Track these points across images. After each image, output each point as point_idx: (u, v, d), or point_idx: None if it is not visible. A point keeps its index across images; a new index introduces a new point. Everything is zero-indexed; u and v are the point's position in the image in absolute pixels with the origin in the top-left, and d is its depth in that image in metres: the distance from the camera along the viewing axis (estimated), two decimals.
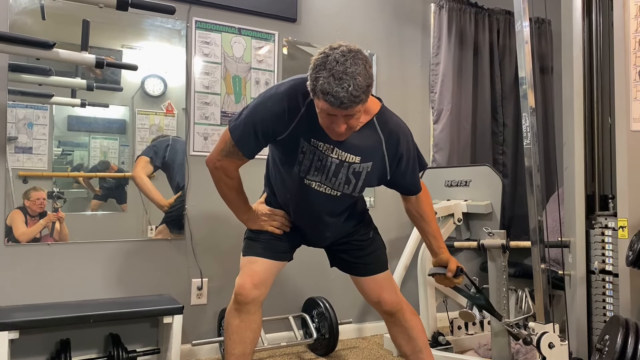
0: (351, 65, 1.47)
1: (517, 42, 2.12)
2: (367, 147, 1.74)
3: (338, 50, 1.49)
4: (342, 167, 1.74)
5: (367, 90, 1.51)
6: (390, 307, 1.99)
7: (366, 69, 1.50)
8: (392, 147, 1.77)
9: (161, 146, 2.80)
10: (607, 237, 2.41)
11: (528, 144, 2.09)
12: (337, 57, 1.47)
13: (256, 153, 1.78)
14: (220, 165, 1.81)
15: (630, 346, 1.92)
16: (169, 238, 2.80)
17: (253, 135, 1.71)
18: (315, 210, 1.84)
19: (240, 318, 1.86)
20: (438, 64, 3.55)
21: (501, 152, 3.82)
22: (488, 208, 2.93)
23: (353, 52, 1.50)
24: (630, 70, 2.35)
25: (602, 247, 2.42)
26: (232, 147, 1.75)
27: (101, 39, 2.64)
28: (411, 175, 1.87)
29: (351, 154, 1.73)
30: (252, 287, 1.83)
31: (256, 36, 3.03)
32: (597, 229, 2.45)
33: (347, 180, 1.76)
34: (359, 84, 1.47)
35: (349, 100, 1.47)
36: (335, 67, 1.46)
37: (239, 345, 1.88)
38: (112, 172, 2.73)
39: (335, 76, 1.46)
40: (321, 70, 1.48)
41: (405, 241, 3.01)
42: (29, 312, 2.31)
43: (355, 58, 1.49)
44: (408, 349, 2.04)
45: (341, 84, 1.45)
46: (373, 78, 1.54)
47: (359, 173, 1.76)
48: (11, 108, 2.47)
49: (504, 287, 2.39)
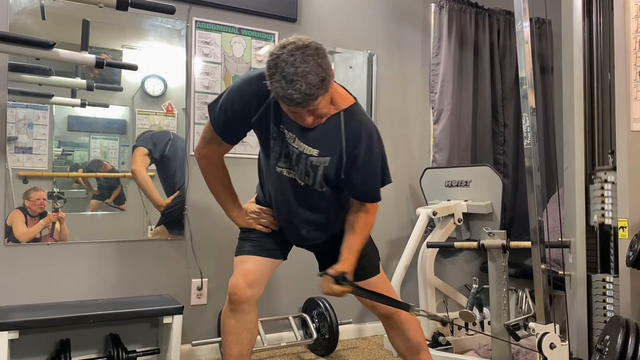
0: (300, 63, 1.48)
1: (518, 42, 2.12)
2: (327, 142, 1.72)
3: (286, 49, 1.50)
4: (301, 158, 1.74)
5: (321, 84, 1.51)
6: (385, 310, 1.99)
7: (317, 63, 1.50)
8: (351, 145, 1.72)
9: (162, 139, 2.78)
10: (606, 191, 2.40)
11: (528, 144, 2.09)
12: (286, 58, 1.48)
13: (235, 138, 1.83)
14: (204, 154, 1.87)
15: (630, 346, 1.92)
16: (169, 238, 2.80)
17: (224, 118, 1.75)
18: (288, 199, 1.84)
19: (236, 318, 1.86)
20: (438, 64, 3.55)
21: (502, 152, 3.81)
22: (488, 208, 2.93)
23: (301, 48, 1.50)
24: (631, 70, 2.35)
25: (602, 202, 2.41)
26: (211, 132, 1.80)
27: (101, 39, 2.64)
28: (365, 181, 1.78)
29: (310, 147, 1.72)
30: (245, 287, 1.83)
31: (256, 36, 3.03)
32: (596, 184, 2.45)
33: (306, 172, 1.76)
34: (310, 82, 1.48)
35: (304, 100, 1.50)
36: (286, 70, 1.48)
37: (236, 346, 1.87)
38: (105, 171, 2.70)
39: (286, 79, 1.48)
40: (273, 74, 1.50)
41: (405, 241, 3.01)
42: (29, 312, 2.31)
43: (304, 55, 1.49)
44: (405, 350, 2.04)
45: (293, 86, 1.48)
46: (328, 69, 1.53)
47: (316, 167, 1.74)
48: (11, 108, 2.47)
49: (504, 288, 2.39)
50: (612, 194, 2.38)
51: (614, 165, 2.38)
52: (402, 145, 3.51)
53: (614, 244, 2.41)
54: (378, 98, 3.42)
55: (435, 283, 2.95)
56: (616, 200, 2.35)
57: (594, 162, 2.57)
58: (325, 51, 1.56)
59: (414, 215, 3.20)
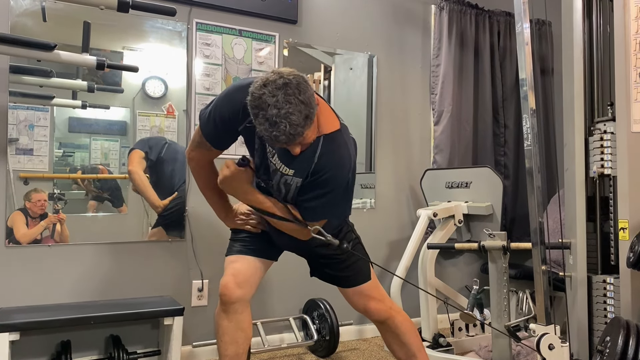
0: (283, 104, 1.48)
1: (518, 43, 2.12)
2: (301, 164, 1.70)
3: (267, 89, 1.49)
4: (276, 175, 1.75)
5: (305, 122, 1.51)
6: (378, 316, 1.99)
7: (299, 101, 1.49)
8: (318, 170, 1.68)
9: (157, 143, 2.79)
10: (605, 141, 2.40)
11: (529, 145, 2.09)
12: (268, 100, 1.48)
13: (223, 144, 1.83)
14: (193, 156, 1.89)
15: (631, 348, 1.92)
16: (169, 240, 2.80)
17: (213, 125, 1.76)
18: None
19: (229, 318, 1.85)
20: (438, 66, 3.55)
21: (503, 153, 3.81)
22: (489, 209, 2.93)
23: (282, 88, 1.49)
24: (631, 72, 2.35)
25: (601, 152, 2.42)
26: (200, 137, 1.82)
27: (102, 41, 2.64)
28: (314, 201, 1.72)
29: (285, 166, 1.72)
30: (235, 286, 1.84)
31: (257, 38, 3.04)
32: (595, 135, 2.45)
33: (278, 188, 1.77)
34: (294, 122, 1.49)
35: (289, 140, 1.52)
36: (269, 112, 1.48)
37: (231, 346, 1.87)
38: (110, 175, 2.71)
39: (270, 121, 1.49)
40: (257, 115, 1.51)
41: (405, 243, 3.01)
42: (30, 313, 2.31)
43: (286, 95, 1.48)
44: (402, 355, 2.04)
45: (277, 128, 1.49)
46: (311, 104, 1.52)
47: (289, 185, 1.74)
48: (12, 110, 2.47)
49: (505, 289, 2.39)
50: (611, 144, 2.39)
51: (613, 116, 2.40)
52: (402, 146, 3.51)
53: (615, 245, 2.41)
54: (378, 99, 3.43)
55: (436, 284, 2.95)
56: (615, 150, 2.37)
57: None
58: (307, 82, 1.54)
59: (415, 217, 3.20)
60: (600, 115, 2.56)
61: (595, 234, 2.54)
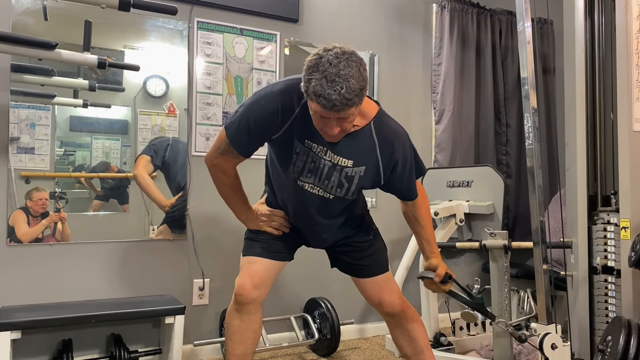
0: (344, 67, 1.45)
1: (519, 42, 2.12)
2: (361, 152, 1.72)
3: (332, 52, 1.47)
4: (334, 170, 1.73)
5: (360, 93, 1.49)
6: (392, 309, 1.99)
7: (360, 72, 1.48)
8: (387, 153, 1.74)
9: (161, 146, 2.80)
10: (609, 232, 2.40)
11: (530, 144, 2.09)
12: (331, 59, 1.45)
13: (252, 152, 1.78)
14: (216, 163, 1.82)
15: (632, 347, 1.91)
16: (171, 238, 2.81)
17: (247, 134, 1.70)
18: (310, 211, 1.83)
19: (241, 318, 1.86)
20: (440, 64, 3.55)
21: (505, 152, 3.81)
22: (490, 209, 2.92)
23: (347, 54, 1.48)
24: (633, 71, 2.34)
25: (605, 243, 2.41)
26: (227, 145, 1.75)
27: (103, 40, 2.64)
28: (407, 181, 1.84)
29: (344, 158, 1.71)
30: (251, 288, 1.83)
31: (258, 37, 3.04)
32: (599, 225, 2.44)
33: (339, 184, 1.75)
34: (351, 86, 1.45)
35: (341, 103, 1.46)
36: (328, 69, 1.44)
37: (240, 346, 1.88)
38: (112, 173, 2.73)
39: (327, 78, 1.44)
40: (314, 72, 1.46)
41: (407, 242, 3.01)
42: (31, 312, 2.31)
43: (349, 60, 1.47)
44: (409, 350, 2.03)
45: (334, 87, 1.44)
46: (367, 81, 1.52)
47: (351, 177, 1.74)
48: (13, 108, 2.47)
49: (506, 288, 2.39)
50: (614, 236, 2.38)
51: (617, 207, 2.39)
52: None
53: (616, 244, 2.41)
54: (380, 98, 3.42)
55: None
56: (619, 242, 2.35)
57: (596, 161, 2.56)
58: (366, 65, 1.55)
59: None
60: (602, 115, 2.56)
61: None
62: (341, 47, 1.50)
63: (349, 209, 1.90)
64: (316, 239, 1.95)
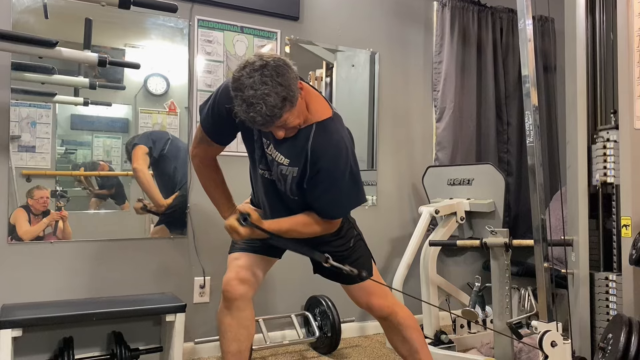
0: (260, 85, 1.49)
1: (520, 40, 2.11)
2: (296, 152, 1.71)
3: (245, 71, 1.51)
4: (273, 165, 1.76)
5: (283, 103, 1.51)
6: (381, 312, 1.99)
7: (277, 83, 1.50)
8: (314, 158, 1.69)
9: (160, 138, 2.78)
10: (609, 149, 2.39)
11: (531, 142, 2.08)
12: (245, 81, 1.50)
13: (223, 139, 1.85)
14: (195, 153, 1.90)
15: (633, 345, 1.91)
16: (171, 237, 2.81)
17: (212, 119, 1.78)
18: (273, 202, 1.86)
19: (232, 315, 1.86)
20: (441, 62, 3.54)
21: (506, 150, 3.81)
22: (491, 206, 2.92)
23: (259, 69, 1.50)
24: (634, 68, 2.34)
25: (604, 161, 2.40)
26: (201, 132, 1.84)
27: (104, 38, 2.64)
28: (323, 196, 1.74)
29: (282, 155, 1.73)
30: (238, 283, 1.84)
31: (258, 35, 3.03)
32: (598, 144, 2.43)
33: (278, 178, 1.78)
34: (270, 103, 1.49)
35: (266, 121, 1.53)
36: (246, 92, 1.50)
37: (233, 343, 1.88)
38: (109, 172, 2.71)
39: (247, 102, 1.50)
40: (236, 97, 1.53)
41: (407, 240, 3.01)
42: (32, 310, 2.31)
43: (263, 76, 1.49)
44: (404, 351, 2.04)
45: (254, 109, 1.50)
46: (290, 85, 1.52)
47: (285, 175, 1.75)
48: (14, 107, 2.48)
49: (507, 286, 2.39)
50: (614, 152, 2.37)
51: (617, 124, 2.38)
52: (404, 143, 3.51)
53: (617, 242, 2.40)
54: (380, 96, 3.42)
55: (438, 281, 2.94)
56: (618, 159, 2.34)
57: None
58: (289, 66, 1.55)
59: (417, 214, 3.20)
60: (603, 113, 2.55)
61: (598, 231, 2.53)
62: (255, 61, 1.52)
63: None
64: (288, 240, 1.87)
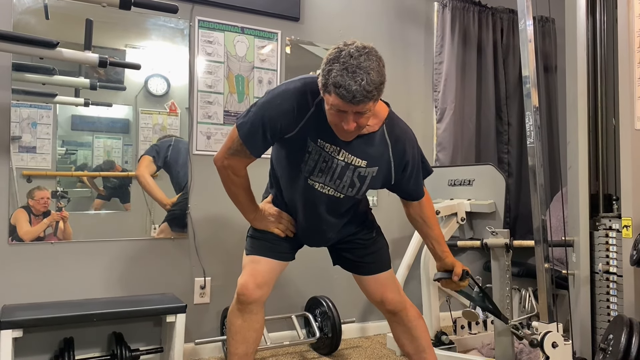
0: (365, 60, 1.46)
1: (521, 40, 2.11)
2: (374, 152, 1.73)
3: (352, 45, 1.49)
4: (347, 170, 1.73)
5: (379, 87, 1.50)
6: (394, 307, 1.99)
7: (379, 67, 1.50)
8: (399, 154, 1.77)
9: (163, 146, 2.82)
10: (611, 238, 2.40)
11: (531, 142, 2.08)
12: (352, 52, 1.46)
13: (264, 152, 1.76)
14: (227, 164, 1.79)
15: (634, 346, 1.91)
16: (172, 237, 2.81)
17: (261, 133, 1.68)
18: (319, 211, 1.82)
19: (243, 318, 1.85)
20: (441, 63, 3.54)
21: (506, 151, 3.80)
22: (491, 207, 2.92)
23: (367, 48, 1.50)
24: (635, 69, 2.34)
25: (606, 249, 2.40)
26: (239, 145, 1.72)
27: (104, 39, 2.64)
28: (415, 181, 1.86)
29: (358, 158, 1.72)
30: (255, 287, 1.82)
31: (259, 35, 3.04)
32: (601, 230, 2.44)
33: (351, 184, 1.76)
34: (372, 79, 1.46)
35: (361, 95, 1.46)
36: (349, 61, 1.45)
37: (241, 345, 1.88)
38: (117, 172, 2.74)
39: (348, 69, 1.44)
40: (334, 63, 1.47)
41: (408, 240, 3.01)
42: (33, 310, 2.31)
43: (370, 54, 1.49)
44: (411, 349, 2.03)
45: (354, 77, 1.44)
46: (385, 78, 1.53)
47: (364, 177, 1.75)
48: (15, 107, 2.48)
49: (508, 287, 2.39)
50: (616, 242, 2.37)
51: (619, 213, 2.37)
52: None
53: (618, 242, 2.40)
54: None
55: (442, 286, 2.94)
56: (621, 249, 2.33)
57: (597, 160, 2.55)
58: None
59: None
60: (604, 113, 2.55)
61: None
62: (362, 42, 1.52)
63: (354, 207, 1.91)
64: (322, 238, 1.95)
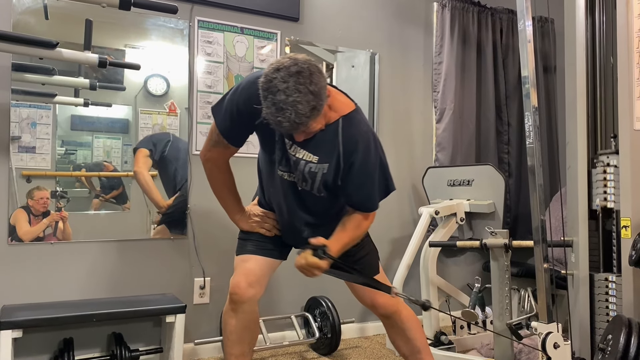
0: (292, 92, 1.48)
1: (520, 41, 2.11)
2: (326, 148, 1.71)
3: (280, 74, 1.49)
4: (299, 164, 1.74)
5: (311, 113, 1.52)
6: (385, 310, 1.99)
7: (309, 91, 1.50)
8: (348, 152, 1.70)
9: (161, 140, 2.79)
10: (609, 174, 2.39)
11: (531, 143, 2.08)
12: (279, 84, 1.49)
13: (240, 140, 1.81)
14: (209, 157, 1.85)
15: (633, 346, 1.91)
16: (172, 237, 2.81)
17: (230, 119, 1.74)
18: (291, 203, 1.83)
19: (237, 318, 1.86)
20: (441, 63, 3.54)
21: (506, 151, 3.81)
22: (491, 207, 2.92)
23: (294, 75, 1.50)
24: (634, 69, 2.34)
25: (604, 185, 2.40)
26: (217, 135, 1.79)
27: (104, 39, 2.64)
28: (360, 189, 1.76)
29: (309, 153, 1.72)
30: (247, 286, 1.83)
31: (259, 35, 3.04)
32: (598, 168, 2.43)
33: (304, 178, 1.76)
34: (300, 111, 1.49)
35: (294, 128, 1.53)
36: (278, 97, 1.48)
37: (237, 345, 1.88)
38: (109, 172, 2.72)
39: (276, 106, 1.49)
40: (265, 98, 1.52)
41: (408, 240, 3.01)
42: (32, 311, 2.31)
43: (297, 83, 1.49)
44: (406, 350, 2.04)
45: (283, 114, 1.49)
46: (321, 94, 1.53)
47: (314, 173, 1.74)
48: (14, 107, 2.48)
49: (507, 287, 2.39)
50: (614, 178, 2.37)
51: (617, 149, 2.38)
52: (404, 144, 3.51)
53: (617, 242, 2.40)
54: (380, 97, 3.42)
55: (438, 282, 2.94)
56: (618, 184, 2.34)
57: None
58: (321, 72, 1.56)
59: (416, 214, 3.20)
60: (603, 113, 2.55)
61: (597, 231, 2.53)
62: (290, 65, 1.50)
63: (332, 210, 1.88)
64: (299, 236, 1.89)
